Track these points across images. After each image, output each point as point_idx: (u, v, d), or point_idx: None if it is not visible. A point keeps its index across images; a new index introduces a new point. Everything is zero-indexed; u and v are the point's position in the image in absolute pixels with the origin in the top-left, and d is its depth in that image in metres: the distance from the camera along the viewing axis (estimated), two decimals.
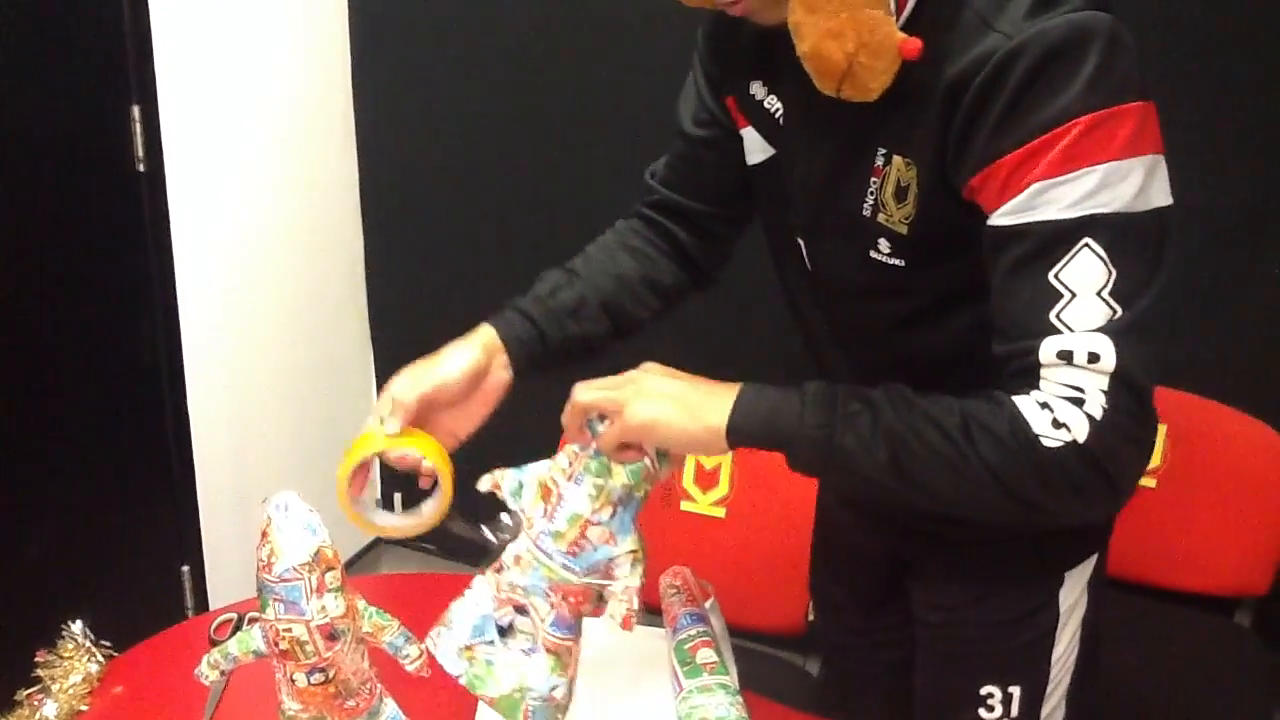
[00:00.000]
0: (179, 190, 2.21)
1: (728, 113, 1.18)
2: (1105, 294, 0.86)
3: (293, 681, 1.10)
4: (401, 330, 2.84)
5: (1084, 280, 0.86)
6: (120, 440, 2.25)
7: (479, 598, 1.08)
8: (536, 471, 1.08)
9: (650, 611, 1.33)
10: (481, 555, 1.09)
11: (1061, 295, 0.87)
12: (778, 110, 1.10)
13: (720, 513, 1.83)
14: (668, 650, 1.28)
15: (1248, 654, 1.89)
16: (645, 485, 1.00)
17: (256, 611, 1.09)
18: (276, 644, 1.07)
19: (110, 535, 2.23)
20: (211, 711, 1.27)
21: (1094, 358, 0.86)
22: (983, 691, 1.20)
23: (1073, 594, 1.17)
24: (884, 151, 0.98)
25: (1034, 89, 0.86)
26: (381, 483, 2.97)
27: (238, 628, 1.37)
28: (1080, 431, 0.87)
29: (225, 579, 2.44)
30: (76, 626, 1.32)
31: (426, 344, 2.98)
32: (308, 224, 2.62)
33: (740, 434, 0.95)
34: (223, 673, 1.13)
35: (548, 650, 1.06)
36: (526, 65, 2.44)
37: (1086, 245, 0.86)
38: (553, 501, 1.01)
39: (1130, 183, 0.86)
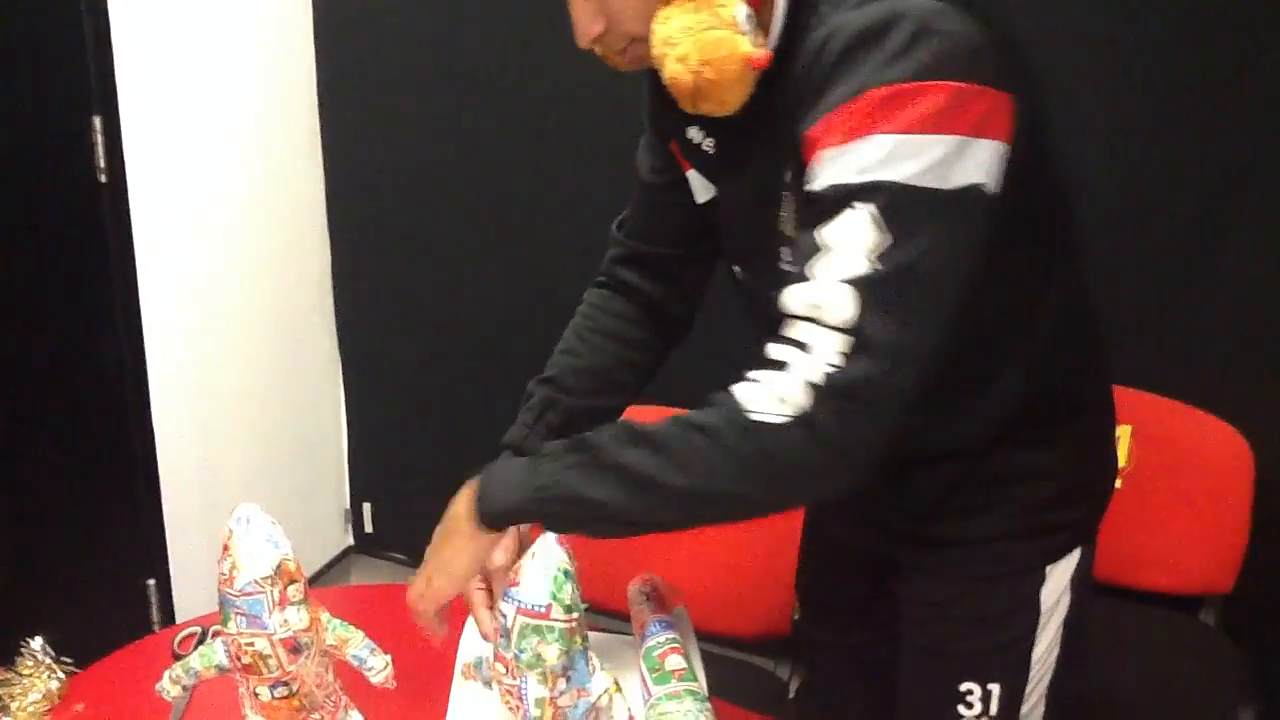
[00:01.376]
0: (142, 201, 2.19)
1: (674, 157, 1.22)
2: (872, 255, 0.88)
3: (256, 696, 1.09)
4: (369, 340, 2.82)
5: (849, 238, 0.88)
6: (84, 453, 2.22)
7: None
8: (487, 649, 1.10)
9: (620, 618, 1.33)
10: None
11: (820, 249, 0.89)
12: (711, 148, 1.14)
13: None
14: (636, 657, 1.28)
15: (1213, 651, 1.90)
16: (576, 637, 1.01)
17: (220, 625, 1.08)
18: (239, 658, 1.07)
19: (73, 549, 2.21)
20: None
21: (830, 306, 0.88)
22: (962, 688, 1.20)
23: (1055, 592, 1.18)
24: (790, 171, 1.00)
25: (838, 69, 0.90)
26: (350, 495, 2.96)
27: (201, 642, 1.36)
28: (801, 400, 0.88)
29: (192, 593, 2.42)
30: (36, 643, 1.31)
31: (394, 355, 2.99)
32: (273, 234, 2.60)
33: (490, 515, 1.06)
34: (185, 688, 1.12)
35: None
36: (492, 74, 2.44)
37: (862, 208, 0.88)
38: (515, 696, 1.02)
39: (924, 157, 0.87)
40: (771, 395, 0.90)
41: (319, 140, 2.68)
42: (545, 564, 0.98)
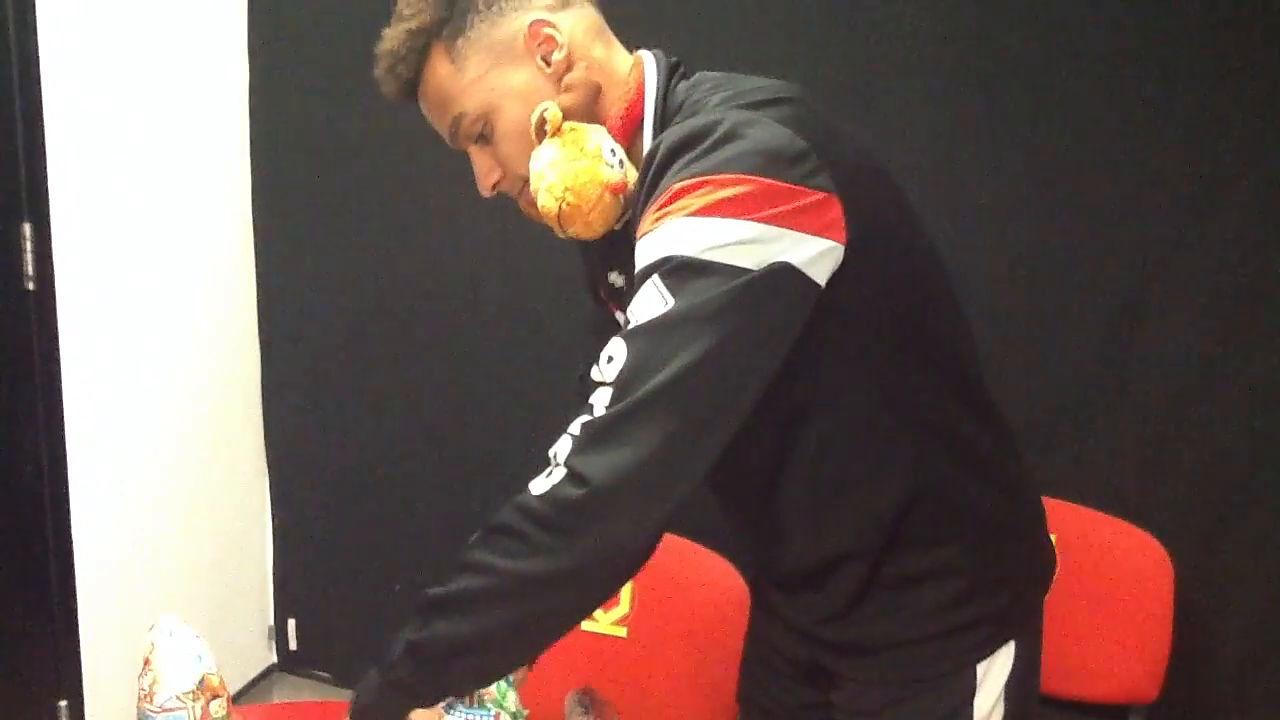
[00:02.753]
0: (69, 309, 2.17)
1: (605, 305, 1.29)
2: (655, 309, 0.93)
3: None
4: (297, 454, 2.78)
5: (642, 308, 0.94)
6: None
7: None
8: None
9: None
10: None
11: (627, 323, 0.95)
12: (622, 284, 1.21)
13: (622, 632, 1.81)
14: None
15: None
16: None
17: None
18: None
19: None
20: None
21: (609, 359, 0.94)
22: None
23: (989, 700, 1.17)
24: None
25: (658, 177, 1.00)
26: (275, 610, 2.89)
27: None
28: (561, 456, 0.93)
29: (106, 715, 2.32)
30: None
31: (323, 468, 2.95)
32: (203, 345, 2.58)
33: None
34: None
35: None
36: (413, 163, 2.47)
37: (650, 280, 0.95)
38: None
39: (703, 235, 0.93)
40: (545, 469, 0.94)
41: (252, 253, 2.69)
42: None
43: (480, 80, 1.12)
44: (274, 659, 2.92)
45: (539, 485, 0.94)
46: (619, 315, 1.24)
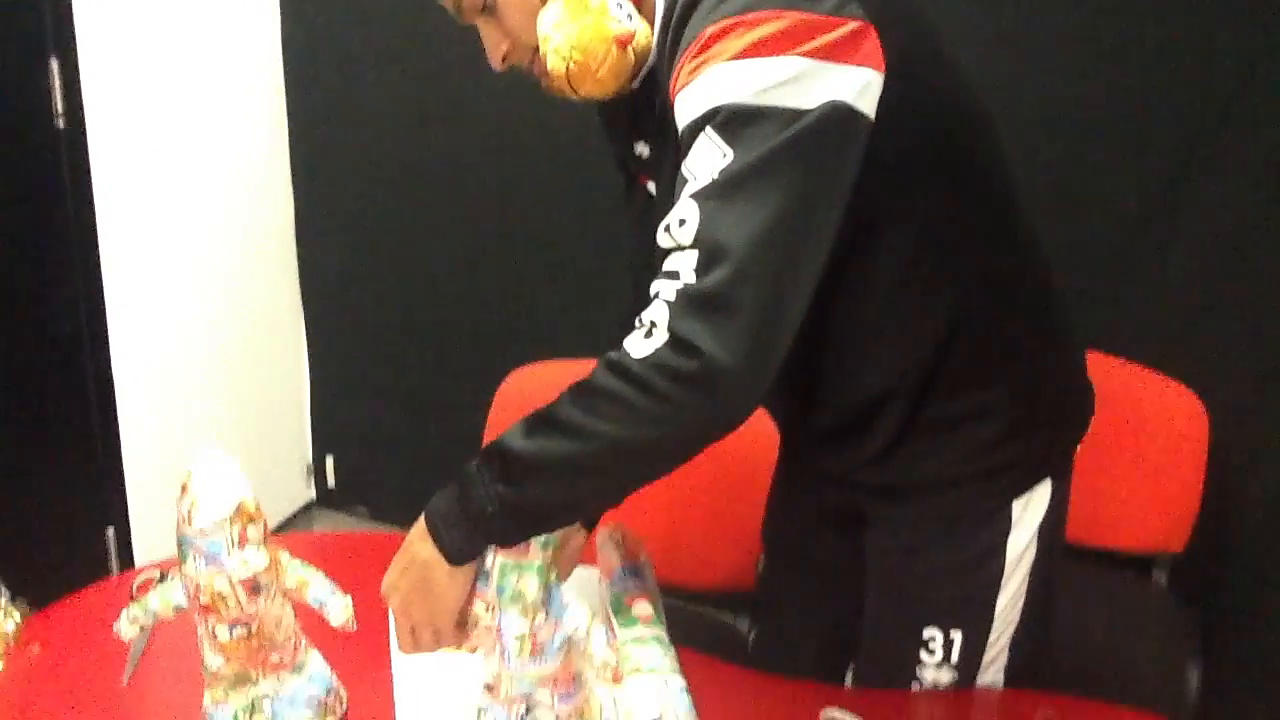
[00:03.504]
0: (101, 147, 2.16)
1: (642, 185, 1.24)
2: (714, 170, 0.90)
3: (215, 636, 1.08)
4: (332, 293, 2.80)
5: (701, 164, 0.91)
6: (41, 401, 2.20)
7: (491, 717, 1.08)
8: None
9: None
10: None
11: (686, 180, 0.93)
12: (647, 154, 1.18)
13: None
14: (600, 594, 1.29)
15: (1164, 611, 1.94)
16: (551, 571, 1.02)
17: (179, 566, 1.07)
18: (197, 598, 1.06)
19: (31, 498, 2.19)
20: (133, 669, 1.26)
21: (681, 223, 0.91)
22: (925, 634, 1.22)
23: (1021, 542, 1.18)
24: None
25: (682, 27, 0.97)
26: (313, 449, 2.95)
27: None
28: (661, 319, 0.90)
29: (153, 542, 2.40)
30: None
31: (358, 308, 2.98)
32: (237, 183, 2.57)
33: (458, 555, 1.02)
34: (143, 629, 1.12)
35: (571, 718, 1.08)
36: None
37: (705, 133, 0.92)
38: (494, 634, 1.03)
39: (748, 78, 0.90)
40: (642, 330, 0.92)
41: (283, 84, 2.65)
42: None
43: None
44: (312, 495, 3.00)
45: (639, 348, 0.91)
46: (650, 186, 1.21)
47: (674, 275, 0.91)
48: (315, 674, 1.17)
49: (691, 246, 0.90)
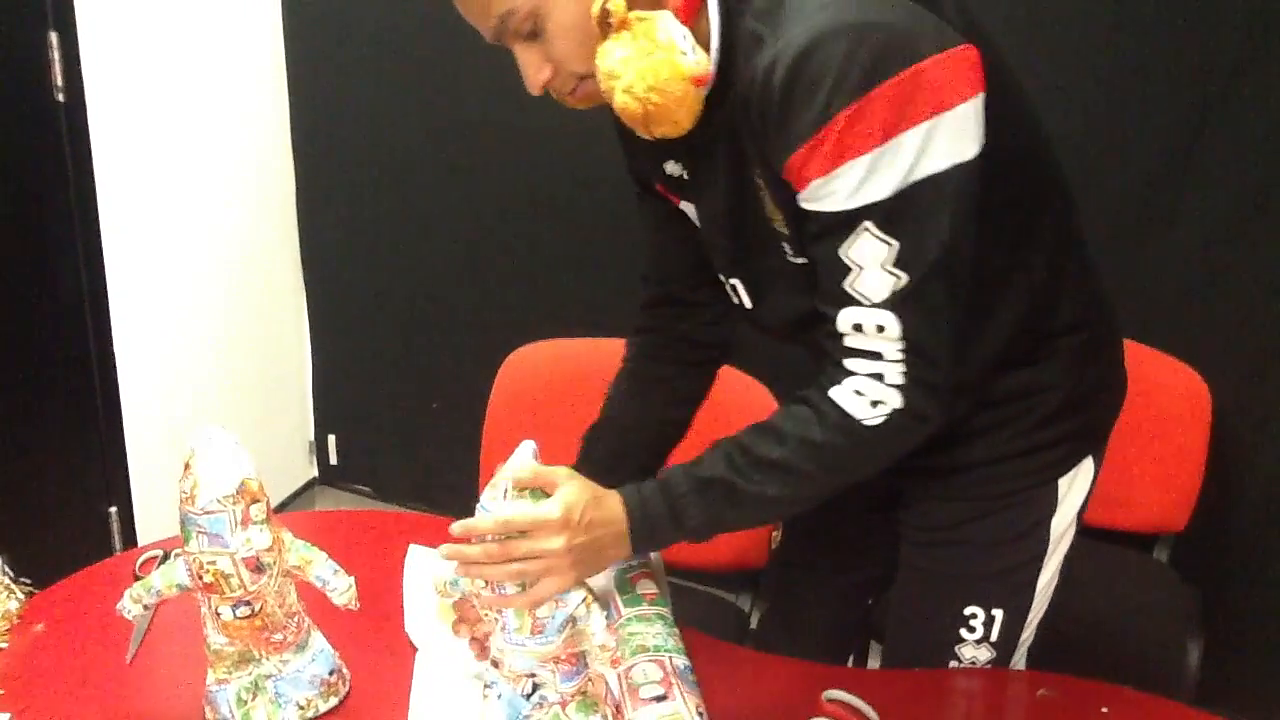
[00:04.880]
0: (101, 121, 2.15)
1: (664, 198, 1.23)
2: (889, 266, 0.96)
3: (218, 615, 1.09)
4: (333, 270, 2.79)
5: (866, 256, 0.97)
6: (43, 380, 2.20)
7: (498, 692, 1.09)
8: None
9: None
10: None
11: (850, 269, 0.98)
12: (684, 174, 1.16)
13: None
14: (606, 577, 1.30)
15: (1166, 588, 1.95)
16: None
17: (182, 545, 1.07)
18: (200, 577, 1.06)
19: (32, 478, 2.19)
20: (136, 648, 1.26)
21: (881, 329, 0.99)
22: (966, 612, 1.23)
23: (1065, 520, 1.20)
24: (758, 171, 1.04)
25: (792, 98, 0.93)
26: (315, 427, 2.95)
27: (163, 564, 1.35)
28: (894, 400, 1.01)
29: (155, 521, 2.41)
30: None
31: (359, 285, 2.97)
32: (238, 158, 2.56)
33: (643, 550, 1.12)
34: (146, 607, 1.12)
35: (574, 698, 1.08)
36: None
37: (865, 228, 0.95)
38: (495, 610, 1.03)
39: (900, 160, 0.93)
40: (869, 403, 1.02)
41: (284, 57, 2.63)
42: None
43: None
44: (315, 473, 3.00)
45: (866, 414, 1.02)
46: (685, 206, 1.19)
47: (876, 356, 1.01)
48: (318, 653, 1.17)
49: (896, 340, 0.99)
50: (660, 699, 1.12)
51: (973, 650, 1.25)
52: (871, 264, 0.97)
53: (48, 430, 2.23)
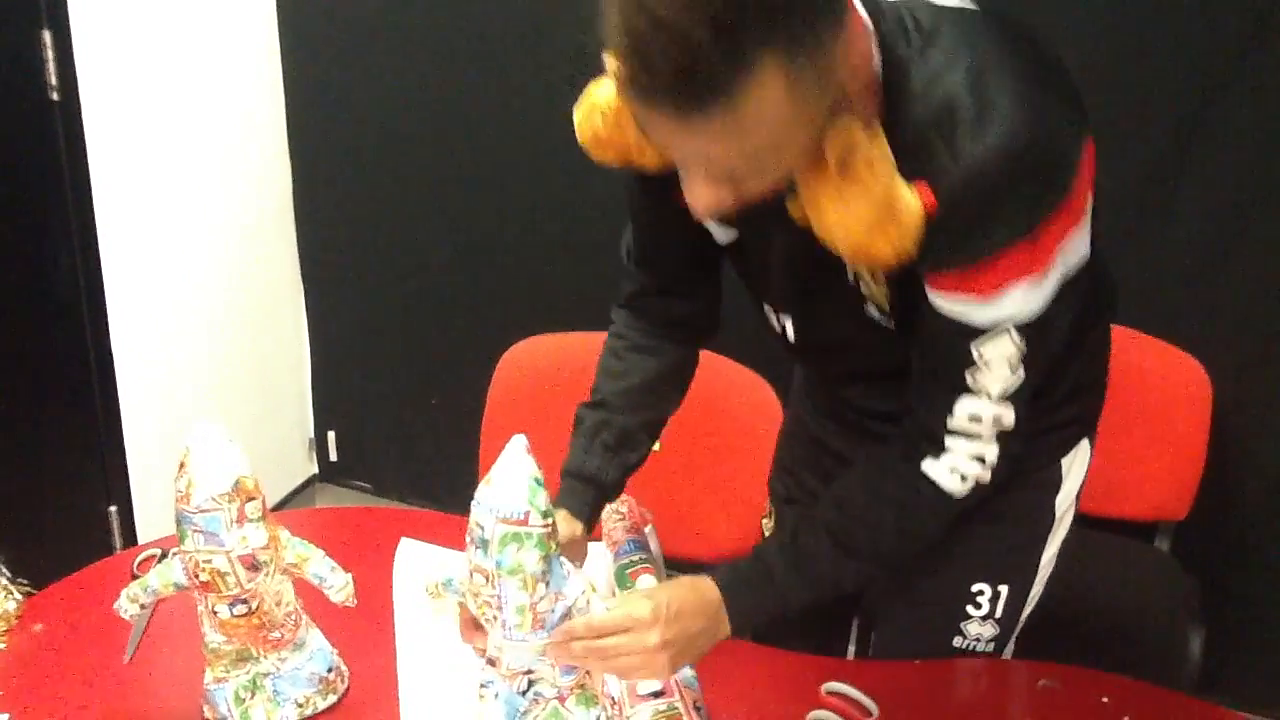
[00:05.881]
0: (96, 119, 2.14)
1: (661, 188, 1.12)
2: (1013, 362, 0.98)
3: (215, 614, 1.08)
4: (332, 267, 2.79)
5: (997, 354, 0.98)
6: (41, 379, 2.19)
7: (494, 691, 1.08)
8: (457, 566, 1.07)
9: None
10: None
11: (975, 362, 0.98)
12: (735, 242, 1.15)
13: (655, 445, 1.82)
14: (605, 565, 1.29)
15: (1167, 577, 1.94)
16: (551, 542, 1.01)
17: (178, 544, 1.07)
18: (197, 575, 1.06)
19: (31, 478, 2.18)
20: (134, 647, 1.26)
21: (997, 420, 1.02)
22: (974, 589, 1.24)
23: (1067, 498, 1.22)
24: None
25: (950, 224, 0.89)
26: (314, 423, 2.95)
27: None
28: (985, 477, 1.05)
29: (155, 520, 2.40)
30: None
31: (358, 282, 2.96)
32: (233, 153, 2.55)
33: (740, 632, 1.12)
34: (143, 606, 1.12)
35: (573, 691, 1.08)
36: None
37: (1009, 333, 0.96)
38: (494, 606, 1.02)
39: (1047, 284, 0.94)
40: (960, 477, 1.06)
41: (279, 57, 2.62)
42: (519, 472, 0.97)
43: (808, 112, 0.84)
44: (315, 469, 3.00)
45: (958, 490, 1.06)
46: (715, 227, 1.17)
47: (978, 437, 1.03)
48: (316, 651, 1.17)
49: (1006, 431, 1.03)
50: (658, 694, 1.12)
51: (978, 627, 1.26)
52: (999, 361, 0.98)
53: (46, 430, 2.22)
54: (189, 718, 1.16)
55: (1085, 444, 1.23)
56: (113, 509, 2.35)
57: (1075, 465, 1.23)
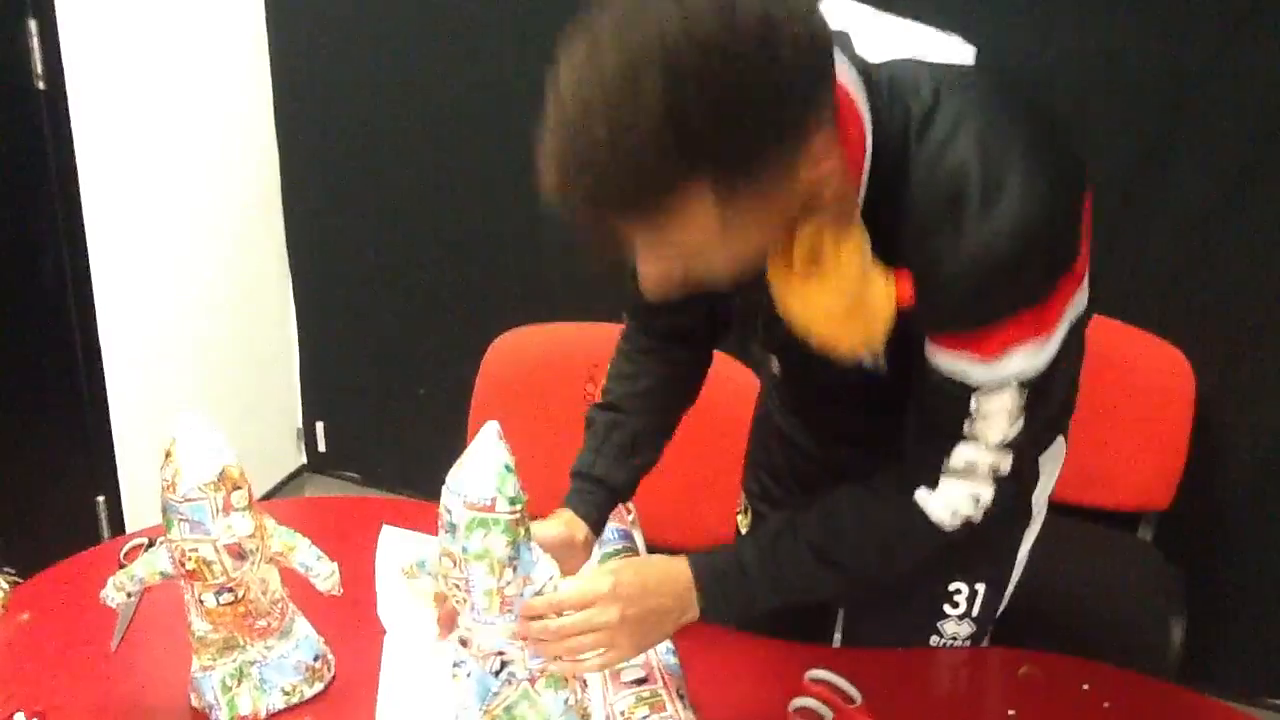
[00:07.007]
0: (82, 109, 2.13)
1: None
2: (1014, 413, 0.98)
3: (201, 602, 1.09)
4: (320, 249, 2.78)
5: (998, 407, 0.97)
6: (29, 370, 2.19)
7: (466, 670, 1.08)
8: (429, 549, 1.07)
9: None
10: None
11: (972, 414, 0.98)
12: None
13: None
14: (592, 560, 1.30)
15: (1149, 566, 1.96)
16: (520, 528, 1.01)
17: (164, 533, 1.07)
18: (183, 564, 1.06)
19: (19, 468, 2.18)
20: (121, 635, 1.26)
21: (994, 468, 1.01)
22: (951, 587, 1.24)
23: (1042, 495, 1.23)
24: None
25: (972, 292, 0.90)
26: (303, 414, 2.95)
27: None
28: (978, 515, 1.04)
29: (144, 510, 2.40)
30: None
31: (346, 273, 2.96)
32: (221, 144, 2.54)
33: (713, 620, 1.11)
34: (130, 595, 1.12)
35: (543, 674, 1.07)
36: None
37: (1010, 388, 0.96)
38: (462, 589, 1.02)
39: (1051, 344, 0.95)
40: (951, 513, 1.04)
41: (267, 45, 2.61)
42: (488, 459, 0.98)
43: (746, 228, 0.84)
44: (303, 460, 3.00)
45: (949, 523, 1.04)
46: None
47: (970, 477, 1.02)
48: (303, 639, 1.18)
49: (1003, 476, 1.02)
50: (641, 681, 1.13)
51: (955, 625, 1.26)
52: (998, 414, 0.97)
53: (33, 420, 2.22)
54: (176, 706, 1.16)
55: (1060, 440, 1.23)
56: (100, 499, 2.35)
57: (1050, 461, 1.22)
